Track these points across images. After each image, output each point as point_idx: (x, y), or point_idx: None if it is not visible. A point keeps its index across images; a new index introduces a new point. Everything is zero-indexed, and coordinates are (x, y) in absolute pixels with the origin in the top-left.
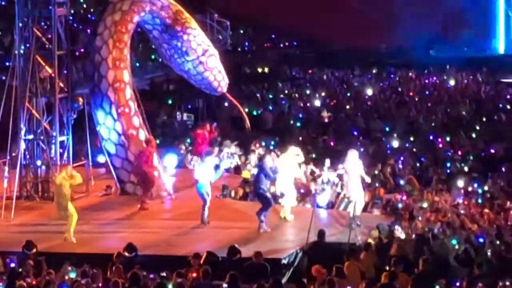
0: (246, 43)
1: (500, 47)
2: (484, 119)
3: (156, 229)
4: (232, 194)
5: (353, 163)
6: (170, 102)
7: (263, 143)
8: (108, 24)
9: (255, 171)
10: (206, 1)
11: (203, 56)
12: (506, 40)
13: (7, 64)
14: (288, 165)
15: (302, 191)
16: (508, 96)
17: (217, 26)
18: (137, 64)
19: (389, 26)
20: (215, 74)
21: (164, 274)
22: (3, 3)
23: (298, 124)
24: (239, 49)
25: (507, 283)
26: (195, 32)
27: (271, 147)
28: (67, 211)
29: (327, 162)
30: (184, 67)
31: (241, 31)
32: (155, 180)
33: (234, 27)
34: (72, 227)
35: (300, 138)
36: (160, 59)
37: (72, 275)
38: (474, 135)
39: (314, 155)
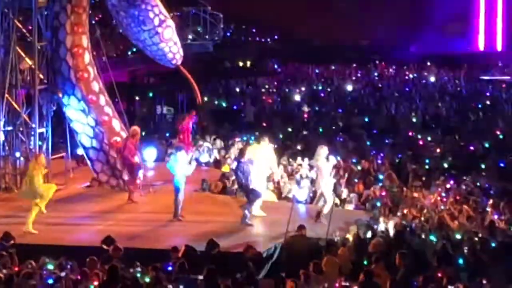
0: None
1: (480, 45)
2: (463, 116)
3: (134, 222)
4: (212, 187)
5: (324, 159)
6: (150, 95)
7: (244, 138)
8: None
9: (234, 165)
10: None
11: (159, 27)
12: (486, 37)
13: None
14: (262, 158)
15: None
16: (488, 94)
17: (210, 18)
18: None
19: (371, 22)
20: (171, 46)
21: (139, 268)
22: None
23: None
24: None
25: (484, 281)
26: (153, 2)
27: (251, 142)
28: (35, 199)
29: (305, 158)
30: (140, 36)
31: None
32: (139, 171)
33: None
34: (32, 215)
35: (280, 134)
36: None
37: (50, 267)
38: (453, 132)
39: (293, 150)
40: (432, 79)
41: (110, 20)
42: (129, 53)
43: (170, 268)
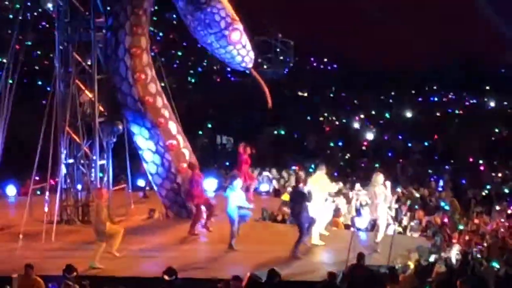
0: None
1: None
2: None
3: (194, 252)
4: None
5: (379, 185)
6: (209, 125)
7: (309, 167)
8: None
9: None
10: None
11: (226, 30)
12: None
13: (48, 89)
14: (322, 185)
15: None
16: None
17: (281, 46)
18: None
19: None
20: (239, 49)
21: None
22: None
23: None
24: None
25: None
26: (219, 5)
27: (311, 170)
28: (102, 237)
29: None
30: (207, 39)
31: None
32: (205, 207)
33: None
34: (99, 252)
35: (341, 162)
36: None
37: None
38: None
39: (353, 178)
40: (492, 104)
41: (170, 51)
42: (188, 84)
43: None
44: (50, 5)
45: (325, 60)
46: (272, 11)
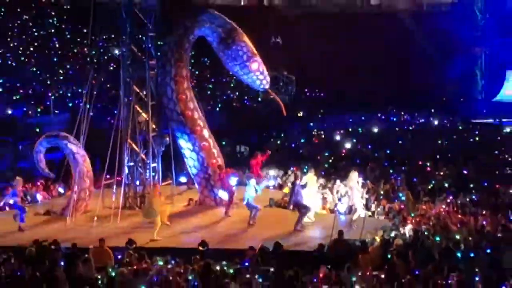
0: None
1: (471, 95)
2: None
3: (221, 229)
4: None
5: (355, 181)
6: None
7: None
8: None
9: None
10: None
11: (247, 62)
12: (474, 90)
13: (115, 112)
14: (312, 182)
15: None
16: (477, 132)
17: (286, 79)
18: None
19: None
20: (257, 75)
21: (224, 262)
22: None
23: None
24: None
25: (476, 269)
26: (242, 44)
27: (305, 170)
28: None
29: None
30: (234, 69)
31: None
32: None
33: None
34: (156, 230)
35: (326, 164)
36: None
37: (160, 263)
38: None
39: (335, 176)
40: (436, 122)
41: (203, 84)
42: (215, 108)
43: (247, 264)
44: (117, 52)
45: (316, 90)
46: (281, 57)
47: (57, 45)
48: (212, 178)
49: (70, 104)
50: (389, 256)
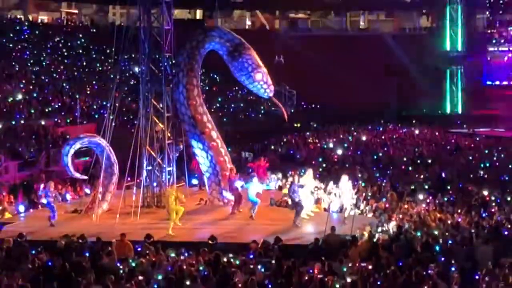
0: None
1: (447, 108)
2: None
3: (228, 225)
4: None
5: (345, 183)
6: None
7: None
8: (186, 47)
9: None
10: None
11: (252, 72)
12: (450, 103)
13: (135, 122)
14: (308, 183)
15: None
16: (453, 140)
17: (288, 94)
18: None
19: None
20: (261, 84)
21: (231, 254)
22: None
23: (320, 159)
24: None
25: (452, 261)
26: (248, 56)
27: (301, 173)
28: (170, 214)
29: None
30: (241, 78)
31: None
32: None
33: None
34: (171, 225)
35: (320, 168)
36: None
37: (172, 254)
38: (432, 165)
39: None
40: (417, 131)
41: (214, 97)
42: (223, 118)
43: (251, 256)
44: (136, 69)
45: (312, 104)
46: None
47: (84, 63)
48: (220, 174)
49: (96, 116)
50: (375, 249)
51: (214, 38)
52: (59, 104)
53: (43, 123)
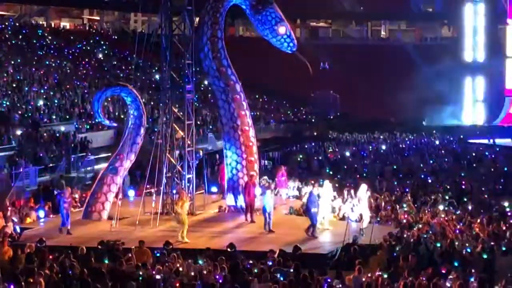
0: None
1: (468, 120)
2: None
3: (246, 234)
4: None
5: (364, 192)
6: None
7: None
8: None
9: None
10: None
11: (275, 26)
12: (471, 114)
13: (155, 129)
14: (326, 194)
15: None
16: (473, 153)
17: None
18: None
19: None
20: (285, 38)
21: (251, 261)
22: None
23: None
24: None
25: (473, 270)
26: (271, 10)
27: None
28: (179, 223)
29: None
30: (264, 33)
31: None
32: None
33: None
34: (184, 233)
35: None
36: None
37: (200, 262)
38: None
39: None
40: (437, 142)
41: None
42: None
43: (270, 263)
44: (157, 76)
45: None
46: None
47: (105, 69)
48: (246, 158)
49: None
50: (394, 259)
51: None
52: (80, 110)
53: (63, 129)
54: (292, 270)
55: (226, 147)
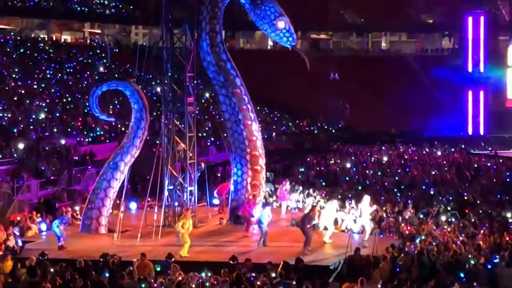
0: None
1: (470, 130)
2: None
3: (247, 246)
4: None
5: (366, 204)
6: None
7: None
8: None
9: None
10: None
11: (274, 20)
12: (473, 126)
13: (157, 142)
14: (331, 209)
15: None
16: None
17: (341, 106)
18: None
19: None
20: (284, 32)
21: (253, 274)
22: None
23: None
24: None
25: (475, 284)
26: (270, 4)
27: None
28: (181, 239)
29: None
30: (263, 27)
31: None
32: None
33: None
34: (184, 250)
35: (341, 189)
36: None
37: (203, 274)
38: (454, 187)
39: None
40: (439, 153)
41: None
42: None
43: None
44: (159, 89)
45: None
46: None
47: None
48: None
49: (114, 135)
50: (397, 270)
51: None
52: (82, 123)
53: (63, 142)
54: (294, 283)
55: (233, 161)
